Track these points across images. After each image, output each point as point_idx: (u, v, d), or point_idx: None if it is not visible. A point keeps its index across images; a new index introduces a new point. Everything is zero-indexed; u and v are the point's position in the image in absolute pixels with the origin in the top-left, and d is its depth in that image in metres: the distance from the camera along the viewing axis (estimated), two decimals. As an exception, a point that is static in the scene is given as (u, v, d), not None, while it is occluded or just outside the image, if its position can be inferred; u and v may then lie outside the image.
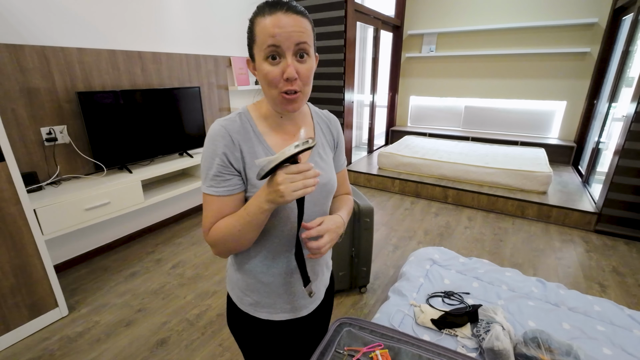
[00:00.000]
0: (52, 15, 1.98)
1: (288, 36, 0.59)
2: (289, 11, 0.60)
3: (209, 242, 0.69)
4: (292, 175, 0.54)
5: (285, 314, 0.79)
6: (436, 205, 3.51)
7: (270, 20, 0.60)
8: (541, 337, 1.19)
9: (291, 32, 0.60)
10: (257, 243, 0.73)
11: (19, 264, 1.65)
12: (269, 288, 0.76)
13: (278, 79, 0.62)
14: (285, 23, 0.59)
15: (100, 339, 1.72)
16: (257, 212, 0.60)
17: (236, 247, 0.68)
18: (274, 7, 0.60)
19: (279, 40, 0.59)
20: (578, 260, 2.46)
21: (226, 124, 0.67)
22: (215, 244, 0.68)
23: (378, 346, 0.82)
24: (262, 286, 0.76)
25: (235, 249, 0.69)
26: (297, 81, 0.63)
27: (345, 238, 1.93)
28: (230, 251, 0.70)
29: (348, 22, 3.47)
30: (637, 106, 2.48)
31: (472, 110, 5.04)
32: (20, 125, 1.93)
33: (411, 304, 1.50)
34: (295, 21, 0.60)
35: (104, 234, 2.51)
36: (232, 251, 0.70)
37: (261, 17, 0.61)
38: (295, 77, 0.62)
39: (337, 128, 0.84)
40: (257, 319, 0.79)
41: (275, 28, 0.59)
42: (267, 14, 0.60)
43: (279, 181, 0.54)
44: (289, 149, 0.52)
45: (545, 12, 4.17)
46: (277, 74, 0.62)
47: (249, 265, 0.76)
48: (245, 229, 0.63)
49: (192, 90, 2.75)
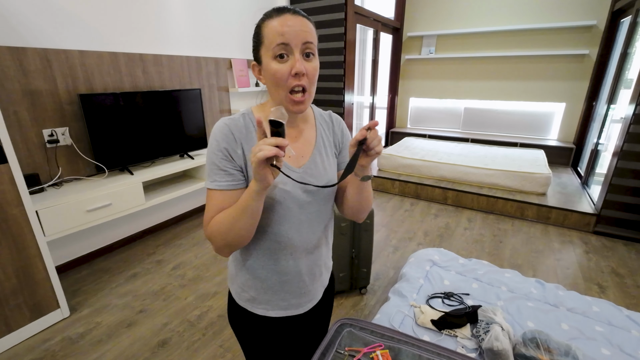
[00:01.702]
0: (54, 18, 2.00)
1: (296, 34, 0.63)
2: (296, 14, 0.65)
3: (207, 235, 0.69)
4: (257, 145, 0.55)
5: (280, 310, 0.80)
6: (436, 206, 3.52)
7: (278, 21, 0.64)
8: (540, 338, 1.20)
9: (299, 31, 0.64)
10: (255, 240, 0.75)
11: (21, 265, 1.66)
12: (265, 284, 0.78)
13: (286, 76, 0.65)
14: (293, 22, 0.64)
15: (102, 340, 1.73)
16: (249, 198, 0.61)
17: (233, 239, 0.67)
18: (281, 11, 0.66)
19: (287, 38, 0.63)
20: (577, 262, 2.48)
21: (229, 122, 0.70)
22: (212, 236, 0.68)
23: (379, 346, 0.83)
24: (259, 282, 0.78)
25: (232, 243, 0.68)
26: (305, 77, 0.66)
27: (346, 239, 1.94)
28: (228, 244, 0.68)
29: (348, 24, 3.49)
30: (636, 108, 2.49)
31: (472, 111, 5.06)
32: (23, 127, 1.94)
33: (411, 305, 1.51)
34: (302, 22, 0.65)
35: (105, 235, 2.52)
36: (230, 245, 0.68)
37: (269, 20, 0.66)
38: (304, 71, 0.65)
39: (342, 128, 0.85)
40: (254, 314, 0.81)
41: (284, 27, 0.63)
42: (275, 16, 0.65)
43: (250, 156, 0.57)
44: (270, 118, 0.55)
45: (544, 14, 4.19)
46: (285, 71, 0.65)
47: (248, 261, 0.78)
48: (239, 216, 0.63)
49: (193, 92, 2.77)
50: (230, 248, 0.70)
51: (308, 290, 0.82)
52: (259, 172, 0.56)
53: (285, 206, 0.72)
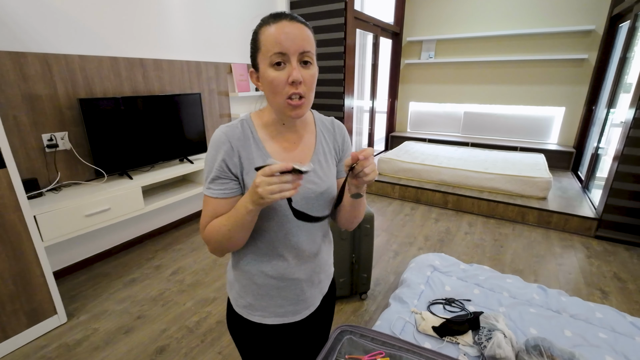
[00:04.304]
0: (54, 23, 2.00)
1: (293, 43, 0.62)
2: (293, 20, 0.64)
3: (203, 239, 0.73)
4: (269, 178, 0.56)
5: (276, 317, 0.80)
6: (436, 210, 3.51)
7: (275, 28, 0.63)
8: (543, 345, 1.18)
9: (296, 39, 0.63)
10: (253, 246, 0.75)
11: (18, 271, 1.64)
12: (262, 290, 0.78)
13: (283, 84, 0.64)
14: (290, 30, 0.63)
15: (99, 347, 1.71)
16: (244, 213, 0.63)
17: (228, 245, 0.70)
18: (278, 17, 0.64)
19: (284, 46, 0.62)
20: (579, 266, 2.46)
21: (227, 130, 0.70)
22: (208, 241, 0.71)
23: (379, 354, 0.81)
24: (256, 287, 0.78)
25: (227, 247, 0.71)
26: (302, 85, 0.65)
27: (346, 244, 1.92)
28: (223, 249, 0.72)
29: (348, 29, 3.50)
30: (636, 112, 2.49)
31: (472, 116, 5.07)
32: (22, 131, 1.94)
33: (412, 311, 1.49)
34: (299, 30, 0.64)
35: (103, 240, 2.51)
36: (225, 249, 0.72)
37: (266, 26, 0.64)
38: (300, 80, 0.64)
39: (343, 135, 0.84)
40: (250, 322, 0.80)
41: (281, 35, 0.62)
42: (272, 23, 0.64)
43: (257, 182, 0.57)
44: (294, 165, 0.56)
45: (543, 19, 4.21)
46: (282, 79, 0.64)
47: (246, 266, 0.78)
48: (234, 228, 0.66)
49: (193, 96, 2.77)
50: (225, 252, 0.73)
51: (305, 297, 0.81)
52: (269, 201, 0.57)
53: (282, 213, 0.71)
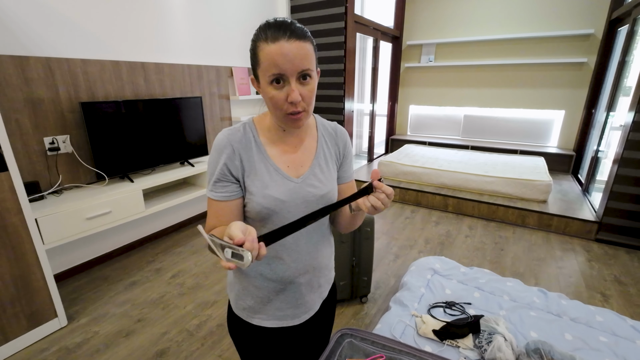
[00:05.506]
0: (57, 27, 2.02)
1: (292, 64, 0.61)
2: (291, 38, 0.61)
3: None
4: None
5: (275, 320, 0.80)
6: (436, 214, 3.51)
7: (273, 49, 0.60)
8: (543, 349, 1.18)
9: (294, 60, 0.61)
10: None
11: (19, 274, 1.64)
12: (262, 293, 0.78)
13: (282, 102, 0.65)
14: (288, 51, 0.60)
15: (99, 350, 1.71)
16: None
17: None
18: (276, 34, 0.61)
19: (282, 69, 0.62)
20: (579, 270, 2.46)
21: (229, 134, 0.72)
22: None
23: (380, 357, 0.81)
24: (256, 290, 0.78)
25: None
26: (301, 103, 0.66)
27: (346, 247, 1.92)
28: None
29: (348, 33, 3.53)
30: (635, 115, 2.50)
31: (472, 119, 5.08)
32: (24, 135, 1.95)
33: (412, 315, 1.49)
34: (298, 48, 0.61)
35: (104, 243, 2.51)
36: None
37: (264, 43, 0.62)
38: (299, 100, 0.64)
39: (345, 140, 0.85)
40: (250, 324, 0.81)
41: (279, 57, 0.61)
42: (270, 42, 0.61)
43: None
44: (224, 252, 0.50)
45: (543, 23, 4.23)
46: (281, 97, 0.65)
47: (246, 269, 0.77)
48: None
49: (194, 100, 2.78)
50: None
51: (305, 301, 0.81)
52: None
53: (282, 216, 0.72)
